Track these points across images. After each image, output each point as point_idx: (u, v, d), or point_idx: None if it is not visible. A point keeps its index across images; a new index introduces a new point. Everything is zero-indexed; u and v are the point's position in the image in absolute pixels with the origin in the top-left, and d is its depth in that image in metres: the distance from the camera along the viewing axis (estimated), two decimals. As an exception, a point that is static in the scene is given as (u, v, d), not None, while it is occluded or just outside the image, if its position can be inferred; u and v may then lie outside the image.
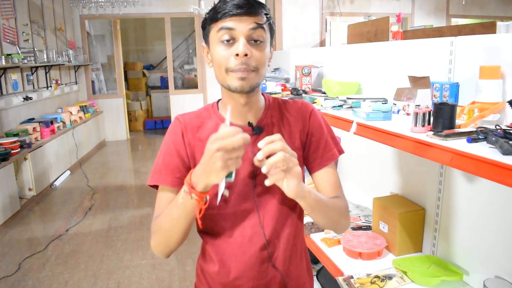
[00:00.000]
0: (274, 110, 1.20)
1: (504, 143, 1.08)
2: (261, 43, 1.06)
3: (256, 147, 0.99)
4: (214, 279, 1.21)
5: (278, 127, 1.18)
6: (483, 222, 1.60)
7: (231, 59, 1.04)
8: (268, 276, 1.18)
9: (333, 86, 2.42)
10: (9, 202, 4.32)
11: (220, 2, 1.06)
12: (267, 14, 1.08)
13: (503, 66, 1.44)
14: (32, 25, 5.94)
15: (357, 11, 9.05)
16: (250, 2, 1.04)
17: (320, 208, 1.09)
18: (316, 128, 1.20)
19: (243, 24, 1.03)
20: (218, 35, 1.05)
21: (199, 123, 1.18)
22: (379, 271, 1.77)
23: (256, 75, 1.06)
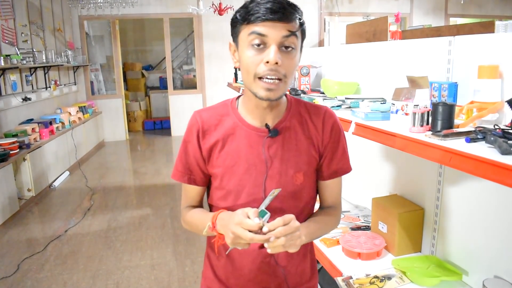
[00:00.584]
0: (295, 114, 1.20)
1: (502, 143, 1.08)
2: (292, 50, 1.04)
3: (269, 150, 1.14)
4: (220, 269, 1.28)
5: (295, 131, 1.19)
6: (482, 222, 1.60)
7: (260, 65, 1.03)
8: (269, 270, 1.22)
9: (332, 86, 2.42)
10: (8, 202, 4.31)
11: (253, 2, 1.03)
12: (300, 19, 1.06)
13: (502, 65, 1.44)
14: (31, 25, 5.94)
15: (356, 11, 9.07)
16: (284, 7, 1.01)
17: (314, 237, 1.21)
18: (334, 142, 1.22)
19: (275, 30, 1.00)
20: (249, 38, 1.03)
21: (216, 121, 1.19)
22: (378, 272, 1.77)
23: (284, 85, 1.06)
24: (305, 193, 1.21)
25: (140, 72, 10.72)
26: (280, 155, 1.16)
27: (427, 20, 9.21)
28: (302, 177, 1.18)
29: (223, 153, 1.18)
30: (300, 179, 1.18)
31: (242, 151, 1.16)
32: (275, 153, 1.16)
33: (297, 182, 1.18)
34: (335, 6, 8.88)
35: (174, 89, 9.02)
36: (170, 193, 5.25)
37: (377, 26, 4.01)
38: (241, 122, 1.18)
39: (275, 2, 1.01)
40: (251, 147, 1.16)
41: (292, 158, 1.17)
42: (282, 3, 1.02)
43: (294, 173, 1.17)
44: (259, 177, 1.16)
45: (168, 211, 4.57)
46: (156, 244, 3.77)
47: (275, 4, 1.00)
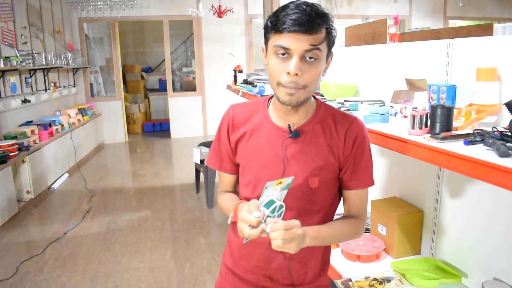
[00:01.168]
0: (321, 119, 1.23)
1: (501, 146, 1.08)
2: (314, 61, 1.09)
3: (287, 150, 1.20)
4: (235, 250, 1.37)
5: (317, 136, 1.22)
6: (481, 224, 1.60)
7: (282, 75, 1.10)
8: (276, 262, 1.27)
9: (331, 89, 2.42)
10: (7, 205, 4.31)
11: (283, 11, 1.08)
12: (328, 28, 1.10)
13: (500, 68, 1.45)
14: (30, 27, 5.94)
15: (355, 13, 9.09)
16: (311, 18, 1.05)
17: (326, 242, 1.21)
18: (358, 152, 1.23)
19: (298, 43, 1.06)
20: (274, 49, 1.10)
21: (247, 116, 1.29)
22: (378, 274, 1.77)
23: (304, 92, 1.12)
24: (320, 198, 1.24)
25: (139, 74, 10.73)
26: (297, 157, 1.21)
27: (426, 22, 9.23)
28: (318, 182, 1.21)
29: (246, 146, 1.27)
30: (315, 183, 1.21)
31: (262, 147, 1.24)
32: (293, 154, 1.21)
33: (312, 185, 1.21)
34: (334, 8, 8.89)
35: (174, 91, 9.03)
36: (170, 195, 5.25)
37: (376, 29, 4.01)
38: (266, 120, 1.25)
39: (303, 13, 1.05)
40: (271, 144, 1.23)
41: (309, 161, 1.20)
42: (310, 14, 1.05)
43: (309, 176, 1.20)
44: (275, 174, 1.21)
45: (167, 214, 4.57)
46: (155, 246, 3.77)
47: (303, 16, 1.05)
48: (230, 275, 1.40)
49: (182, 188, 5.50)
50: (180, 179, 5.94)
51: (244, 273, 1.34)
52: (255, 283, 1.33)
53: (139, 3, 7.82)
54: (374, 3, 9.19)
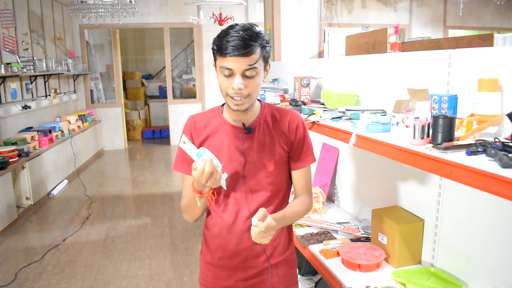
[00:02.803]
0: (267, 115, 1.52)
1: (503, 156, 1.08)
2: (253, 76, 1.35)
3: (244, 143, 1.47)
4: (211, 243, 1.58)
5: (267, 128, 1.50)
6: (482, 234, 1.60)
7: (229, 89, 1.35)
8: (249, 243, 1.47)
9: (332, 97, 2.43)
10: (6, 211, 4.30)
11: (224, 39, 1.31)
12: (261, 45, 1.35)
13: (501, 78, 1.45)
14: (31, 34, 5.96)
15: (355, 22, 9.13)
16: (246, 43, 1.29)
17: (285, 223, 1.50)
18: (300, 137, 1.53)
19: (239, 64, 1.31)
20: (221, 69, 1.34)
21: (206, 122, 1.53)
22: (378, 283, 1.77)
23: (249, 100, 1.39)
24: (278, 179, 1.51)
25: (139, 81, 10.75)
26: (254, 148, 1.47)
27: (426, 31, 9.27)
28: (273, 165, 1.48)
29: (210, 145, 1.48)
30: (271, 167, 1.48)
31: (224, 144, 1.48)
32: (250, 146, 1.47)
33: (269, 169, 1.48)
34: (334, 17, 8.94)
35: (174, 98, 9.05)
36: (169, 202, 5.24)
37: (377, 38, 4.03)
38: (223, 122, 1.51)
39: (240, 39, 1.29)
40: (230, 141, 1.48)
41: (264, 149, 1.48)
42: (245, 39, 1.29)
43: (266, 161, 1.48)
44: (238, 166, 1.47)
45: (166, 221, 4.56)
46: (155, 253, 3.76)
47: (240, 41, 1.29)
48: (210, 267, 1.60)
49: (181, 195, 5.49)
50: (179, 186, 5.93)
51: (221, 261, 1.55)
52: (235, 266, 1.54)
53: (140, 10, 7.85)
54: (374, 12, 9.23)
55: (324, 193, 2.63)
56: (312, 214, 2.51)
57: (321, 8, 5.27)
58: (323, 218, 2.50)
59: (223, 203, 1.52)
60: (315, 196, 2.52)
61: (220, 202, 1.53)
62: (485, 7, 9.71)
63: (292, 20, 5.40)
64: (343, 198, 2.71)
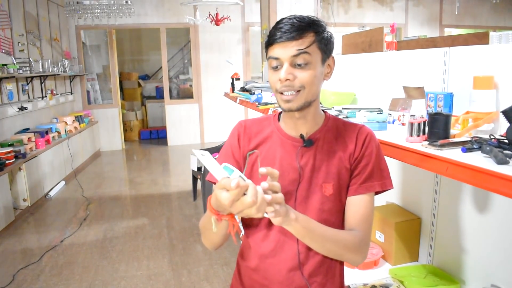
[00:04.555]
0: (331, 128, 1.24)
1: (498, 153, 1.09)
2: (306, 65, 1.12)
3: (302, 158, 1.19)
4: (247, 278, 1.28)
5: (330, 144, 1.22)
6: (479, 231, 1.61)
7: (277, 83, 1.14)
8: (295, 284, 1.20)
9: (329, 96, 2.43)
10: (3, 212, 4.28)
11: (275, 26, 1.14)
12: (317, 32, 1.12)
13: (496, 76, 1.46)
14: (27, 35, 5.95)
15: (351, 21, 9.14)
16: (296, 26, 1.10)
17: (312, 236, 1.09)
18: (366, 155, 1.21)
19: (286, 50, 1.10)
20: (269, 61, 1.16)
21: (258, 129, 1.28)
22: (376, 281, 1.78)
23: (302, 95, 1.14)
24: (336, 207, 1.20)
25: (136, 81, 10.73)
26: (311, 164, 1.20)
27: (422, 30, 9.29)
28: (332, 189, 1.19)
29: (260, 158, 1.23)
30: (330, 191, 1.19)
31: (277, 157, 1.22)
32: (307, 162, 1.20)
33: (326, 193, 1.19)
34: (330, 16, 8.95)
35: (171, 98, 9.04)
36: (167, 203, 5.24)
37: (373, 37, 4.04)
38: (278, 131, 1.25)
39: (289, 23, 1.10)
40: (285, 153, 1.21)
41: (323, 168, 1.20)
42: (295, 23, 1.10)
43: (323, 183, 1.19)
44: (291, 184, 1.19)
45: (164, 221, 4.55)
46: (153, 254, 3.76)
47: (288, 25, 1.10)
48: None
49: (179, 196, 5.49)
50: (177, 186, 5.94)
51: None
52: None
53: (137, 11, 7.84)
54: (371, 12, 9.25)
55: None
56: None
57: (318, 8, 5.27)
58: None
59: (266, 228, 1.22)
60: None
61: (261, 226, 1.23)
62: (481, 6, 9.75)
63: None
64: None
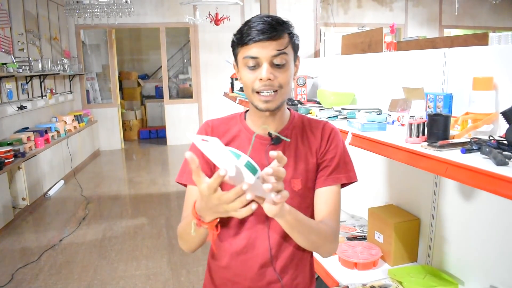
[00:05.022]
0: (297, 126, 1.27)
1: (497, 154, 1.09)
2: (283, 65, 1.14)
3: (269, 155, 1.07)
4: (218, 278, 1.30)
5: (296, 141, 1.25)
6: (478, 231, 1.61)
7: (256, 82, 1.13)
8: (267, 279, 1.23)
9: (328, 97, 2.43)
10: (2, 211, 4.28)
11: (246, 26, 1.14)
12: (290, 33, 1.16)
13: (496, 77, 1.46)
14: (27, 34, 5.94)
15: (351, 21, 9.14)
16: (272, 26, 1.11)
17: (300, 228, 1.08)
18: (332, 150, 1.24)
19: (266, 50, 1.11)
20: (244, 61, 1.14)
21: (225, 129, 1.27)
22: (375, 281, 1.78)
23: (280, 95, 1.16)
24: (306, 201, 1.23)
25: (136, 81, 10.72)
26: None
27: (421, 31, 9.30)
28: (300, 184, 1.21)
29: None
30: (298, 186, 1.21)
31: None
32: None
33: (295, 188, 1.20)
34: (330, 16, 8.95)
35: (170, 98, 9.03)
36: (166, 202, 5.24)
37: (372, 37, 4.04)
38: (246, 130, 1.26)
39: (265, 23, 1.11)
40: (254, 152, 1.20)
41: (291, 164, 1.21)
42: (271, 23, 1.11)
43: (291, 178, 1.20)
44: None
45: (163, 221, 4.55)
46: (152, 254, 3.75)
47: (264, 25, 1.10)
48: None
49: (178, 195, 5.49)
50: (176, 186, 5.93)
51: None
52: None
53: (136, 10, 7.84)
54: (370, 12, 9.25)
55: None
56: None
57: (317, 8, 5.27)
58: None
59: (236, 226, 1.23)
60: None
61: (231, 224, 1.23)
62: (481, 7, 9.75)
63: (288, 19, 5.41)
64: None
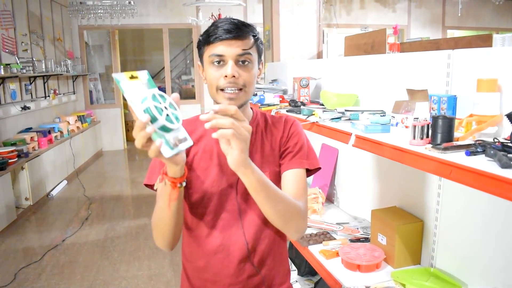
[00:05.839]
0: (260, 122, 1.32)
1: (502, 157, 1.09)
2: (248, 64, 1.18)
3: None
4: (196, 279, 1.33)
5: (261, 135, 1.30)
6: (481, 234, 1.60)
7: (221, 79, 1.17)
8: (246, 273, 1.27)
9: (331, 98, 2.43)
10: (5, 211, 4.29)
11: (212, 26, 1.18)
12: (255, 35, 1.20)
13: (500, 79, 1.46)
14: (31, 35, 5.96)
15: (354, 22, 9.14)
16: (238, 27, 1.16)
17: (267, 192, 1.09)
18: (293, 137, 1.30)
19: (231, 48, 1.15)
20: (210, 59, 1.18)
21: (191, 130, 1.27)
22: (378, 284, 1.77)
23: (244, 94, 1.20)
24: None
25: (139, 81, 10.72)
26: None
27: (424, 32, 9.28)
28: (269, 176, 1.22)
29: (198, 157, 1.26)
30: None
31: (214, 152, 1.26)
32: None
33: None
34: (333, 17, 8.95)
35: (173, 99, 9.02)
36: (168, 203, 5.23)
37: (376, 38, 4.03)
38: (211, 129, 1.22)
39: (231, 23, 1.16)
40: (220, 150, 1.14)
41: (257, 158, 1.26)
42: (237, 24, 1.17)
43: None
44: (231, 177, 1.23)
45: (166, 221, 4.55)
46: (154, 254, 3.76)
47: (231, 25, 1.15)
48: None
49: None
50: (178, 187, 5.93)
51: None
52: None
53: (139, 11, 7.86)
54: (373, 13, 9.25)
55: (324, 193, 2.63)
56: (312, 215, 2.51)
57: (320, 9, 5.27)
58: (323, 218, 2.50)
59: (208, 226, 1.26)
60: (315, 196, 2.52)
61: (203, 224, 1.27)
62: (484, 8, 9.73)
63: (291, 21, 5.40)
64: (342, 199, 2.71)
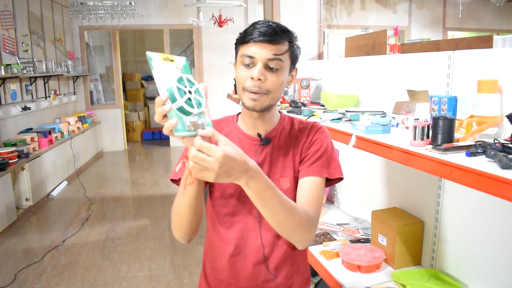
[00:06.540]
0: (286, 127, 1.31)
1: (502, 157, 1.09)
2: (277, 70, 1.17)
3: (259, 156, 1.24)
4: (213, 279, 1.34)
5: (285, 141, 1.29)
6: (482, 235, 1.60)
7: (247, 80, 1.17)
8: (261, 278, 1.26)
9: (332, 99, 2.43)
10: (6, 212, 4.29)
11: (251, 26, 1.19)
12: (291, 41, 1.20)
13: (501, 80, 1.46)
14: (31, 35, 5.97)
15: (354, 23, 9.15)
16: (275, 31, 1.15)
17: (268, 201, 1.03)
18: (316, 144, 1.27)
19: (263, 51, 1.15)
20: (241, 59, 1.19)
21: (217, 129, 1.17)
22: (378, 284, 1.77)
23: (268, 98, 1.18)
24: (294, 200, 1.21)
25: (139, 82, 10.75)
26: (268, 161, 1.26)
27: (425, 33, 9.29)
28: (289, 182, 1.25)
29: None
30: (287, 184, 1.25)
31: None
32: (264, 159, 1.26)
33: (284, 186, 1.24)
34: (334, 18, 8.95)
35: (173, 99, 9.03)
36: (168, 204, 5.23)
37: (376, 39, 4.04)
38: (237, 130, 1.31)
39: (268, 26, 1.16)
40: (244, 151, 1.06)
41: (279, 163, 1.26)
42: (275, 28, 1.16)
43: (280, 177, 1.25)
44: None
45: (166, 222, 4.55)
46: (154, 255, 3.76)
47: (267, 28, 1.15)
48: None
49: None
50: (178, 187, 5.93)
51: None
52: None
53: (140, 12, 7.86)
54: (374, 14, 9.25)
55: (324, 194, 2.63)
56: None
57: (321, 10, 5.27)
58: (323, 219, 2.50)
59: (228, 228, 1.28)
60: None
61: (224, 226, 1.29)
62: (484, 9, 9.74)
63: (292, 22, 5.40)
64: (343, 200, 2.71)
